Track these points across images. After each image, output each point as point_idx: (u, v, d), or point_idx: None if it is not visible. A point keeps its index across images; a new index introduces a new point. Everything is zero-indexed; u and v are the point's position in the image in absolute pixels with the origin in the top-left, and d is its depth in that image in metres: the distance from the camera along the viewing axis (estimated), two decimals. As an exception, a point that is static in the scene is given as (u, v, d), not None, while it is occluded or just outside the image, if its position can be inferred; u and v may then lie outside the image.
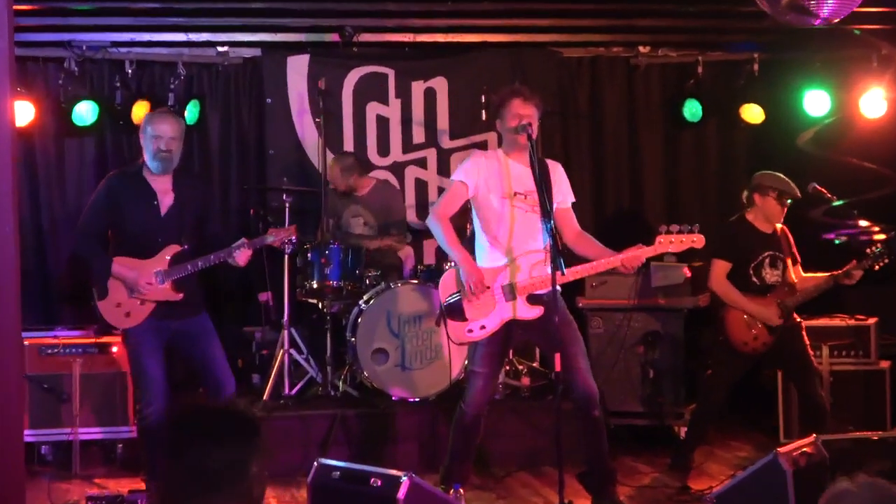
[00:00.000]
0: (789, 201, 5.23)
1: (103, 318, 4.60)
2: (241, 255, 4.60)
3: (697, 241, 4.40)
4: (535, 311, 4.38)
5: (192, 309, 4.68)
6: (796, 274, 5.36)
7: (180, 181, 4.67)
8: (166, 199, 4.64)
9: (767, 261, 5.26)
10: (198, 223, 4.72)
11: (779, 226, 5.34)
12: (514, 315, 4.39)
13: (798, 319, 5.32)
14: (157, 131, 4.57)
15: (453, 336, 4.44)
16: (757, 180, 5.27)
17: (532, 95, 4.43)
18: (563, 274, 4.13)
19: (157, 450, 4.63)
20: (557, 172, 4.55)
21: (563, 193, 4.55)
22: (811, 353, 5.31)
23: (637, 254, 4.35)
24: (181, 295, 4.60)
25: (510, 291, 4.37)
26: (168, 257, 4.60)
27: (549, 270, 4.27)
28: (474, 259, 4.47)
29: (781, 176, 5.24)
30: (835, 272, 5.24)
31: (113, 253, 4.62)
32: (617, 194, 7.34)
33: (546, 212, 4.25)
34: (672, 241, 4.37)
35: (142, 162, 4.66)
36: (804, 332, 5.31)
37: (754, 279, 5.26)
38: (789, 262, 5.33)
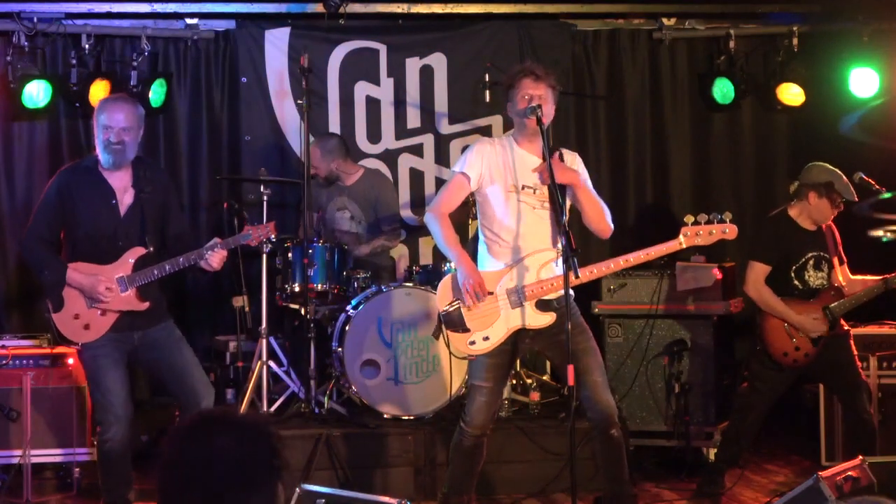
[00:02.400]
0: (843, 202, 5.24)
1: (60, 333, 4.60)
2: (215, 257, 4.59)
3: (730, 231, 4.38)
4: (545, 319, 4.39)
5: (156, 317, 4.69)
6: (843, 276, 5.37)
7: (140, 175, 4.66)
8: (126, 197, 4.64)
9: (811, 262, 5.27)
10: (160, 222, 4.73)
11: (823, 222, 5.35)
12: (521, 323, 4.40)
13: (846, 328, 5.34)
14: (108, 120, 4.55)
15: (455, 350, 4.46)
16: (815, 177, 5.23)
17: (546, 75, 4.43)
18: (577, 277, 4.14)
19: (118, 477, 4.65)
20: (574, 163, 4.55)
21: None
22: (859, 364, 5.34)
23: (662, 249, 4.34)
24: (147, 303, 4.61)
25: (517, 296, 4.38)
26: (131, 261, 4.60)
27: (560, 272, 4.29)
28: (476, 261, 4.49)
29: (839, 172, 5.22)
30: (888, 275, 5.24)
31: (68, 258, 4.62)
32: (639, 187, 7.35)
33: (558, 208, 4.26)
34: (700, 234, 4.36)
35: (97, 154, 4.67)
36: (852, 342, 5.33)
37: (796, 282, 5.27)
38: (835, 262, 5.35)
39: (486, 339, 4.39)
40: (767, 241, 5.33)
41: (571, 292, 4.23)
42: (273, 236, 4.87)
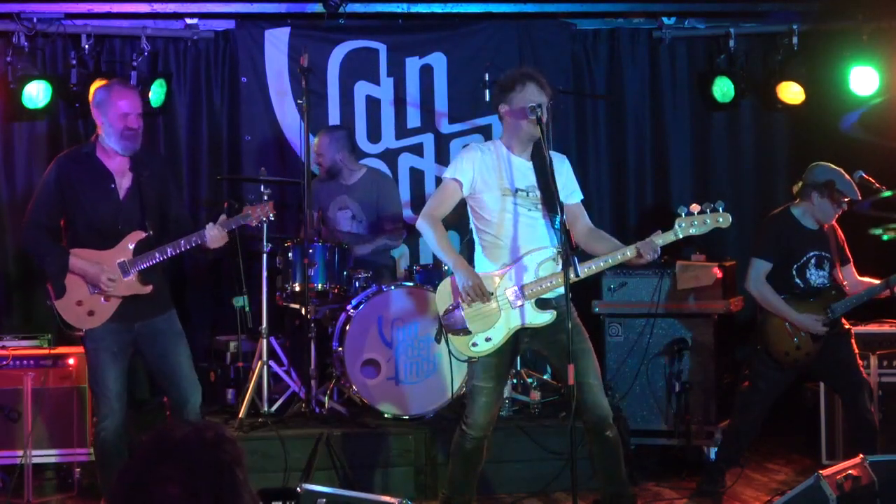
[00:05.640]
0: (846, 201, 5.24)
1: (62, 319, 4.59)
2: (212, 231, 4.57)
3: (724, 219, 4.37)
4: (545, 317, 4.39)
5: (159, 306, 4.69)
6: (847, 275, 5.36)
7: (137, 159, 4.67)
8: (124, 181, 4.64)
9: (813, 261, 5.26)
10: (160, 205, 4.72)
11: (826, 221, 5.35)
12: (522, 322, 4.40)
13: (847, 326, 5.33)
14: (128, 106, 4.56)
15: (457, 352, 4.45)
16: (817, 177, 5.22)
17: (547, 84, 4.45)
18: (577, 276, 4.13)
19: (114, 470, 4.65)
20: (563, 166, 4.55)
21: (569, 189, 4.55)
22: (860, 363, 5.33)
23: (653, 241, 4.31)
24: (150, 287, 4.61)
25: (516, 295, 4.38)
26: (131, 245, 4.59)
27: (558, 270, 4.28)
28: (472, 264, 4.48)
29: (841, 171, 5.22)
30: (890, 277, 5.23)
31: (69, 244, 4.61)
32: (639, 186, 7.34)
33: (554, 207, 4.26)
34: (694, 223, 4.35)
35: (94, 140, 4.66)
36: (853, 341, 5.32)
37: (797, 281, 5.26)
38: (837, 262, 5.34)
39: (488, 339, 4.39)
40: (769, 238, 5.32)
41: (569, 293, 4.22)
42: (272, 215, 4.84)
